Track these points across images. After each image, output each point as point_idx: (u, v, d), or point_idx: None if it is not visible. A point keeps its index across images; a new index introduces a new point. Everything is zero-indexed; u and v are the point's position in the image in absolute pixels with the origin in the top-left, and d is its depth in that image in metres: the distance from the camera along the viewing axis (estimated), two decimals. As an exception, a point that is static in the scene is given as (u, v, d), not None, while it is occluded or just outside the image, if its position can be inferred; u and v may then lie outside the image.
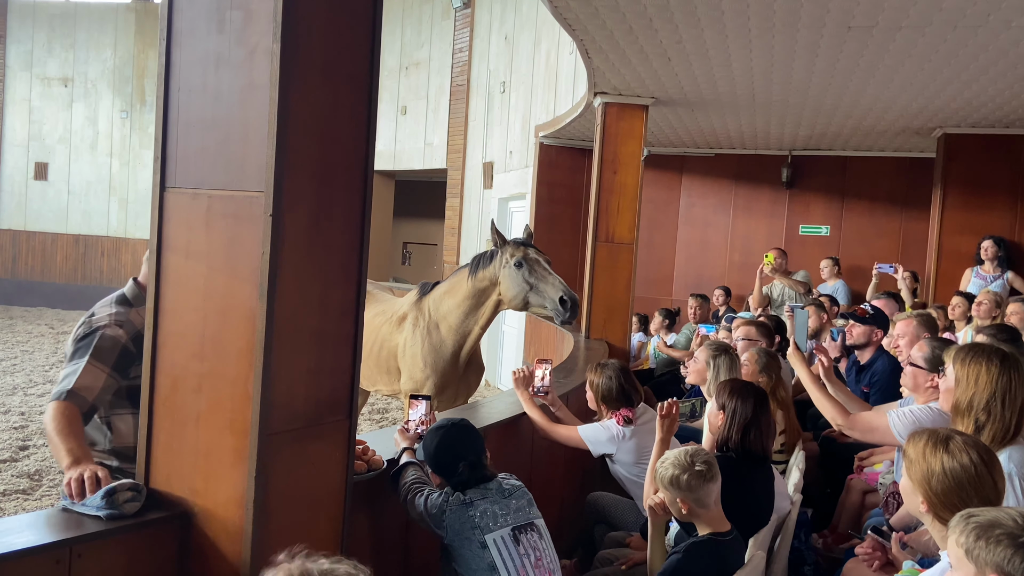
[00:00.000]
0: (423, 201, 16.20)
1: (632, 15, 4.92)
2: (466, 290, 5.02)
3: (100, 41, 17.94)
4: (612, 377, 3.87)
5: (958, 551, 1.80)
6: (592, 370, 3.99)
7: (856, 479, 4.44)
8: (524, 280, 4.86)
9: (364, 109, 2.40)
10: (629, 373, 3.97)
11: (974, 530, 1.78)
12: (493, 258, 4.98)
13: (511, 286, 4.89)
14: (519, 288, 4.87)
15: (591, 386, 3.98)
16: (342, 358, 2.41)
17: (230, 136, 2.21)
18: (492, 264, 4.96)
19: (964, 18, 4.63)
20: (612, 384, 3.86)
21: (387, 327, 5.38)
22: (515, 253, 4.88)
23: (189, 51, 2.25)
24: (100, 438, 2.75)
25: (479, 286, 4.99)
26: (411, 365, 5.18)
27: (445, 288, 5.21)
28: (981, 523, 1.79)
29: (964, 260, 7.76)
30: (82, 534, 2.04)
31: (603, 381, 3.89)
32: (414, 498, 2.64)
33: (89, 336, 2.68)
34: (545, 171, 10.14)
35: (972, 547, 1.77)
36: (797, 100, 7.00)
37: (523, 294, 4.90)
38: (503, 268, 4.91)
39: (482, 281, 4.98)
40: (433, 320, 5.14)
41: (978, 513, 1.83)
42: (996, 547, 1.74)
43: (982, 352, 3.02)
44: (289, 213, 2.17)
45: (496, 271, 4.94)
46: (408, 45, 13.85)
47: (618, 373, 3.87)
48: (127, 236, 17.88)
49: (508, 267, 4.89)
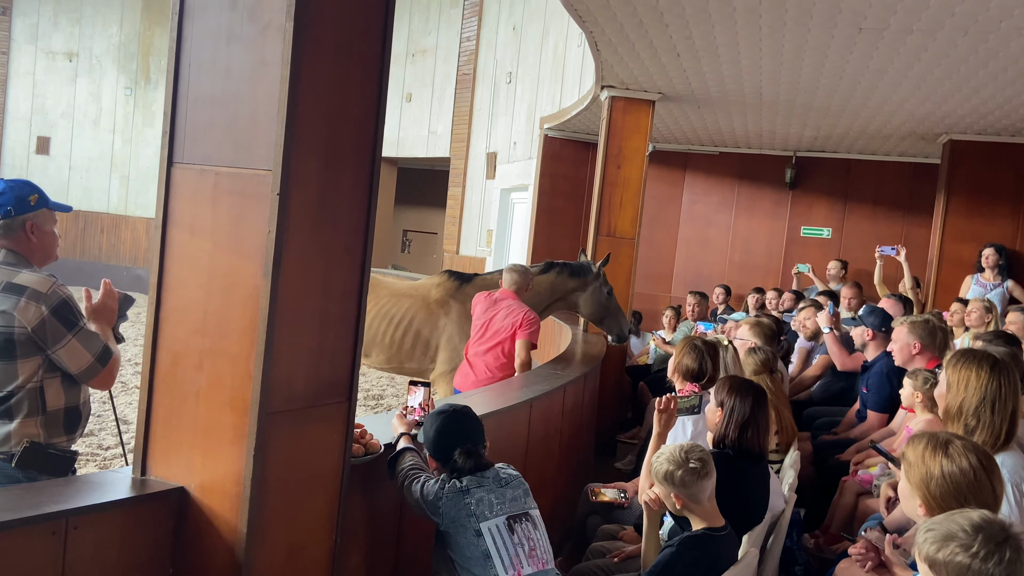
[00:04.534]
0: (425, 189, 16.19)
1: (644, 9, 4.91)
2: (546, 286, 5.92)
3: (107, 17, 17.86)
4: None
5: (923, 565, 1.82)
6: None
7: (850, 481, 4.45)
8: (605, 305, 6.18)
9: (374, 91, 2.39)
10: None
11: (933, 543, 1.80)
12: (581, 273, 6.11)
13: (594, 303, 6.16)
14: (600, 308, 6.19)
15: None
16: (344, 339, 2.41)
17: (239, 113, 2.20)
18: (583, 278, 6.11)
19: (975, 24, 4.62)
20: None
21: (420, 311, 5.72)
22: (607, 283, 6.23)
23: (201, 26, 2.24)
24: (32, 406, 2.70)
25: (562, 287, 6.02)
26: (454, 350, 5.71)
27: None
28: (938, 535, 1.81)
29: (965, 267, 7.77)
30: (78, 506, 2.04)
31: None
32: (411, 484, 2.64)
33: (62, 302, 2.71)
34: (549, 163, 10.13)
35: (934, 559, 1.79)
36: (804, 100, 6.98)
37: (600, 313, 6.22)
38: (595, 287, 6.11)
39: (565, 284, 6.03)
40: None
41: (935, 525, 1.84)
42: (953, 558, 1.76)
43: (973, 358, 3.04)
44: (296, 193, 2.17)
45: (586, 286, 6.11)
46: (415, 32, 13.81)
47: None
48: (127, 214, 17.83)
49: (600, 290, 6.13)
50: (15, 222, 2.77)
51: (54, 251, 2.90)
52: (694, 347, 4.11)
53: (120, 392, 8.83)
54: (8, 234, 2.77)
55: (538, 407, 4.23)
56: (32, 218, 2.80)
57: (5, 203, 2.76)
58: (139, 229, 17.76)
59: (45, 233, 2.84)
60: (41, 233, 2.83)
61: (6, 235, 2.77)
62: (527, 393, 4.24)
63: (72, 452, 2.83)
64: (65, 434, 2.78)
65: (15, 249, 2.77)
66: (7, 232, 2.77)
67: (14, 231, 2.77)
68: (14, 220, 2.77)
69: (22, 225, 2.78)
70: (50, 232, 2.86)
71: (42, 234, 2.83)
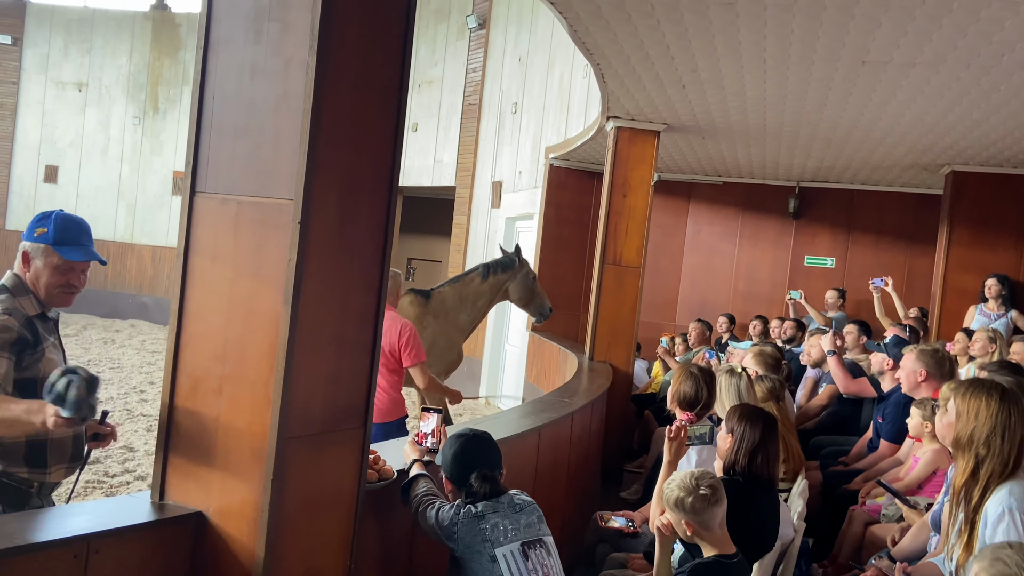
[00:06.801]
0: (430, 218, 16.27)
1: (650, 42, 4.99)
2: (488, 287, 6.83)
3: (116, 47, 18.09)
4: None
5: None
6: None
7: (858, 510, 4.45)
8: (531, 289, 7.13)
9: (392, 122, 2.45)
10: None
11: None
12: (510, 266, 7.00)
13: (523, 288, 7.08)
14: (527, 292, 7.11)
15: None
16: (360, 365, 2.44)
17: (262, 144, 2.25)
18: (512, 270, 7.00)
19: (978, 57, 4.70)
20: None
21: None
22: (530, 268, 7.21)
23: (225, 60, 2.30)
24: None
25: (500, 283, 6.92)
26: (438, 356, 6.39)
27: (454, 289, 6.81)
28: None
29: (969, 297, 7.80)
30: (100, 530, 2.06)
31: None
32: (426, 510, 2.66)
33: None
34: (554, 192, 10.20)
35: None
36: (808, 131, 7.06)
37: (527, 297, 7.13)
38: (523, 273, 7.04)
39: (500, 280, 6.93)
40: (449, 318, 6.59)
41: (986, 561, 1.88)
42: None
43: (982, 387, 3.06)
44: (316, 221, 2.21)
45: (516, 275, 7.01)
46: (422, 63, 13.96)
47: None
48: (133, 242, 17.93)
49: (527, 276, 7.08)
50: (21, 247, 2.82)
51: (51, 290, 2.79)
52: (691, 374, 4.13)
53: (126, 420, 8.84)
54: (18, 258, 2.82)
55: (547, 435, 4.25)
56: (28, 248, 2.79)
57: (30, 226, 2.82)
58: (145, 257, 17.86)
59: (34, 267, 2.78)
60: (32, 266, 2.78)
61: (17, 258, 2.82)
62: (536, 420, 4.26)
63: (27, 483, 2.71)
64: (26, 466, 2.69)
65: (21, 275, 2.80)
66: (18, 255, 2.82)
67: (19, 256, 2.82)
68: (21, 244, 2.82)
69: (20, 252, 2.81)
70: (39, 269, 2.78)
71: (33, 268, 2.78)
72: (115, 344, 14.42)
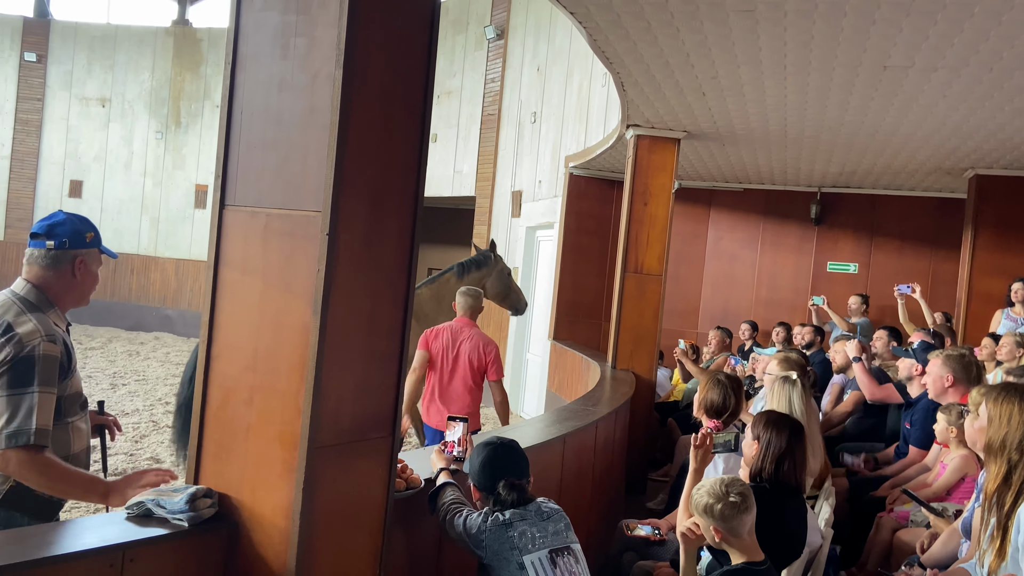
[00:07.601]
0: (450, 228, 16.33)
1: (670, 50, 5.00)
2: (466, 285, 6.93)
3: (139, 63, 18.33)
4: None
5: None
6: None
7: (886, 517, 4.42)
8: (508, 284, 7.57)
9: (417, 134, 2.48)
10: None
11: None
12: (485, 263, 7.40)
13: (500, 283, 7.48)
14: (504, 287, 7.54)
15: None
16: (388, 375, 2.46)
17: (290, 157, 2.28)
18: (488, 267, 7.38)
19: (1000, 61, 4.67)
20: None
21: None
22: (506, 266, 7.68)
23: (253, 75, 2.34)
24: None
25: (477, 281, 7.13)
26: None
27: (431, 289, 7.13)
28: None
29: (995, 302, 7.72)
30: (135, 539, 2.09)
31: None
32: (453, 518, 2.67)
33: (27, 359, 2.47)
34: (574, 201, 10.22)
35: None
36: (829, 137, 7.04)
37: (504, 291, 7.55)
38: (499, 269, 7.44)
39: (476, 277, 7.22)
40: (429, 319, 6.67)
41: None
42: None
43: (1015, 391, 3.03)
44: (344, 233, 2.24)
45: (492, 271, 7.38)
46: (441, 74, 13.97)
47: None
48: (157, 255, 18.12)
49: (503, 272, 7.51)
50: (65, 255, 2.63)
51: (89, 294, 2.75)
52: (718, 382, 4.12)
53: (152, 431, 8.92)
54: (53, 266, 2.63)
55: (571, 443, 4.26)
56: (84, 255, 2.67)
57: (62, 234, 2.65)
58: (168, 270, 18.03)
59: (90, 274, 2.71)
60: (86, 273, 2.69)
61: (51, 267, 2.63)
62: (561, 428, 4.26)
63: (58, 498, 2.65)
64: None
65: (43, 287, 2.63)
66: (53, 264, 2.63)
67: (61, 265, 2.63)
68: (65, 253, 2.63)
69: (71, 260, 2.65)
70: (94, 274, 2.73)
71: (86, 274, 2.70)
72: (140, 356, 14.56)
